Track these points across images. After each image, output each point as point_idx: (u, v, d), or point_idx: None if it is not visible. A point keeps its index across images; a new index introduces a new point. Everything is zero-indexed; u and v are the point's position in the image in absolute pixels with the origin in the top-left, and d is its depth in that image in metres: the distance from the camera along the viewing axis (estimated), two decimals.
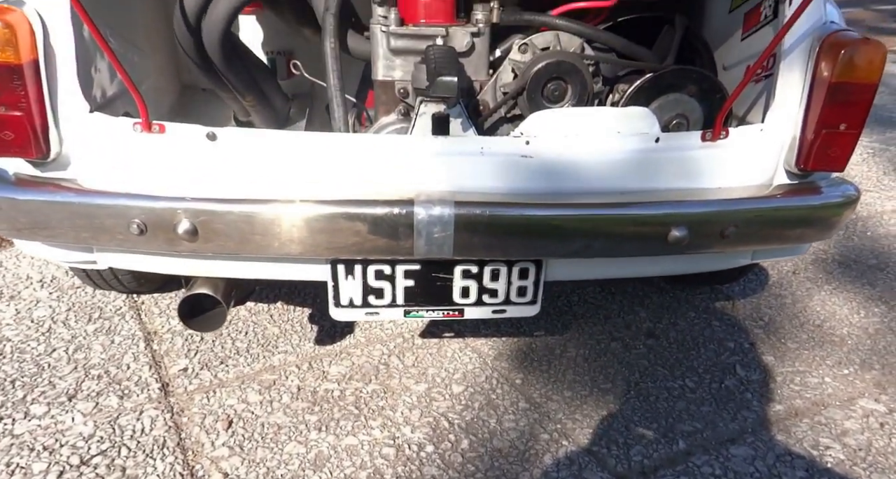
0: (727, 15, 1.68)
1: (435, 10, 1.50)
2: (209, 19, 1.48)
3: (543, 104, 1.50)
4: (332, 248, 1.29)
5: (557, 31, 1.52)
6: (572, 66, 1.46)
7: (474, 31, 1.51)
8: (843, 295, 2.25)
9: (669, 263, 1.50)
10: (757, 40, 1.51)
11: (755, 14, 1.52)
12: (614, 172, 1.37)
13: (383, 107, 1.57)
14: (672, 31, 1.59)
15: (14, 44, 1.13)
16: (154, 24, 1.81)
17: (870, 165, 3.43)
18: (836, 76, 1.24)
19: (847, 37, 1.26)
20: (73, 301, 2.05)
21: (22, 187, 1.23)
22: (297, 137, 1.34)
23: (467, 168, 1.34)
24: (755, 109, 1.50)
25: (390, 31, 1.48)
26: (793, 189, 1.38)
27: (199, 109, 1.97)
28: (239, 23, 2.07)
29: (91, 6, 1.32)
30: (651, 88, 1.49)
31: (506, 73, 1.55)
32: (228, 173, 1.30)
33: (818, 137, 1.29)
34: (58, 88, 1.23)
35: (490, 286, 1.45)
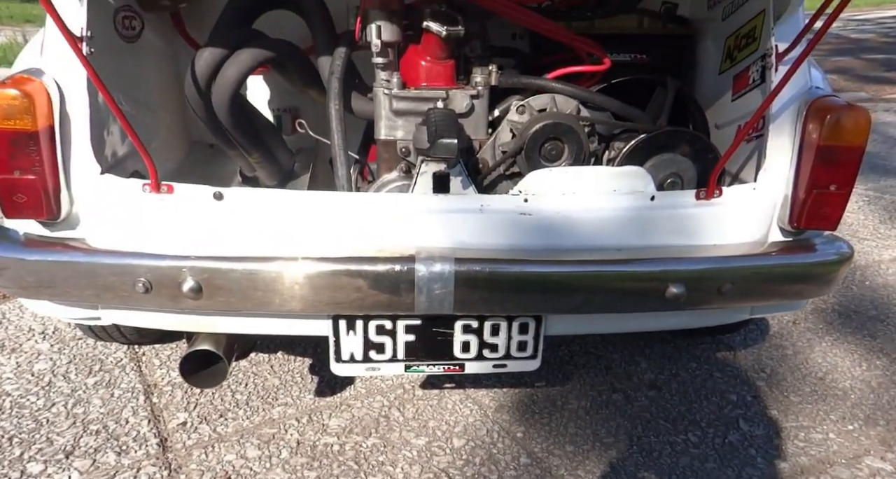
0: (717, 76, 1.74)
1: (436, 75, 1.57)
2: (219, 83, 1.55)
3: (541, 163, 1.54)
4: (333, 304, 1.31)
5: (554, 94, 1.58)
6: (568, 128, 1.51)
7: (473, 94, 1.56)
8: (845, 346, 2.24)
9: (669, 318, 1.52)
10: (746, 102, 1.57)
11: (744, 77, 1.58)
12: (611, 230, 1.40)
13: (385, 164, 1.62)
14: (664, 93, 1.65)
15: (32, 112, 1.18)
16: (165, 85, 1.88)
17: (865, 213, 3.47)
18: (823, 139, 1.29)
19: (832, 102, 1.31)
20: (75, 353, 2.05)
21: (31, 248, 1.26)
22: (302, 197, 1.38)
23: (467, 225, 1.37)
24: (748, 168, 1.54)
25: (393, 94, 1.54)
26: (787, 247, 1.40)
27: (206, 164, 2.02)
28: (247, 82, 2.14)
29: (106, 72, 1.38)
30: (645, 147, 1.54)
31: (504, 132, 1.60)
32: (234, 232, 1.33)
33: (809, 196, 1.33)
34: (71, 152, 1.27)
35: (490, 341, 1.46)
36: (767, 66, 1.43)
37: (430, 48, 1.54)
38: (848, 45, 10.44)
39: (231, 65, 1.53)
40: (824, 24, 1.19)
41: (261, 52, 1.56)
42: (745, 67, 1.58)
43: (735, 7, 1.66)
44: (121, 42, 1.56)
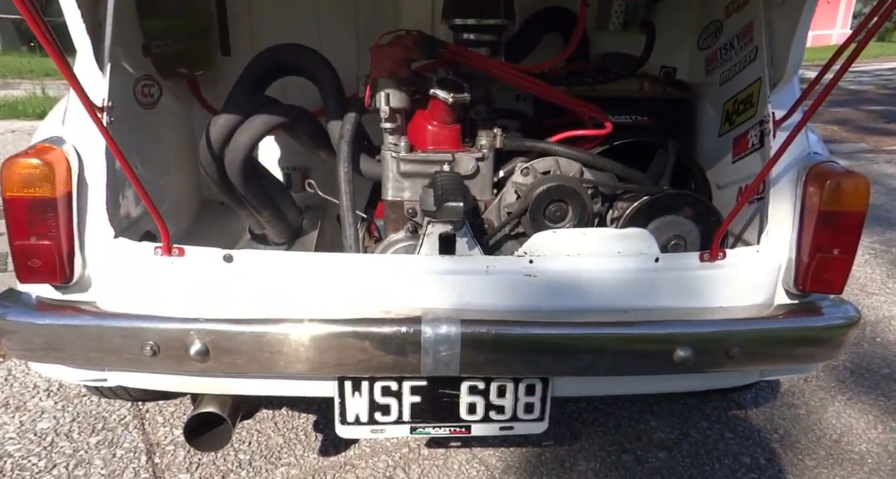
0: (717, 139, 1.78)
1: (442, 138, 1.61)
2: (232, 147, 1.60)
3: (545, 224, 1.56)
4: (339, 365, 1.31)
5: (557, 157, 1.62)
6: (572, 190, 1.54)
7: (479, 157, 1.61)
8: (858, 407, 2.20)
9: (677, 381, 1.50)
10: (746, 165, 1.60)
11: (743, 141, 1.62)
12: (616, 291, 1.41)
13: (392, 224, 1.65)
14: (666, 154, 1.69)
15: (51, 179, 1.22)
16: (179, 147, 1.94)
17: (872, 266, 3.45)
18: (824, 204, 1.31)
19: (831, 168, 1.34)
20: (78, 411, 2.04)
21: (42, 312, 1.27)
22: (310, 259, 1.40)
23: (473, 286, 1.38)
24: (750, 229, 1.56)
25: (400, 157, 1.59)
26: (794, 310, 1.40)
27: (216, 221, 2.06)
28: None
29: (124, 139, 1.43)
30: (648, 210, 1.56)
31: (509, 193, 1.63)
32: (243, 293, 1.35)
33: (813, 260, 1.34)
34: (87, 217, 1.31)
35: (497, 403, 1.45)
36: (766, 131, 1.47)
37: (436, 113, 1.59)
38: (847, 97, 10.63)
39: (244, 131, 1.59)
40: (820, 95, 1.23)
41: (273, 118, 1.61)
42: (745, 131, 1.62)
43: (732, 74, 1.71)
44: (139, 109, 1.62)
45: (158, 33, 1.66)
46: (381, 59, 1.53)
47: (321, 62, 1.69)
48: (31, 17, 1.05)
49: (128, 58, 1.54)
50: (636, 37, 2.02)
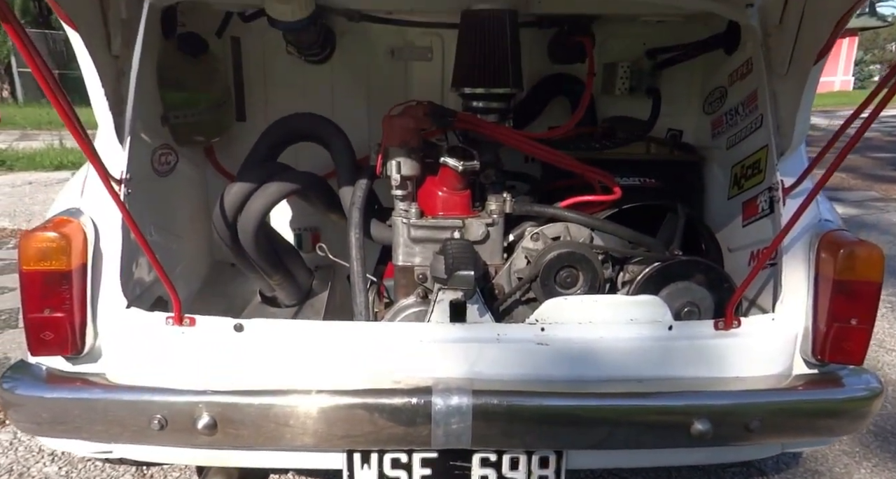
0: (726, 201, 1.79)
1: (452, 204, 1.63)
2: (245, 214, 1.62)
3: (556, 290, 1.56)
4: (348, 437, 1.28)
5: (567, 222, 1.62)
6: (582, 256, 1.54)
7: (489, 222, 1.62)
8: (886, 475, 2.11)
9: (696, 453, 1.46)
10: (757, 229, 1.60)
11: (752, 205, 1.63)
12: (630, 360, 1.39)
13: (403, 289, 1.64)
14: (675, 218, 1.69)
15: (68, 252, 1.24)
16: (193, 212, 1.97)
17: (890, 321, 3.39)
18: (838, 274, 1.29)
19: (844, 237, 1.33)
20: (83, 477, 2.00)
21: (50, 385, 1.27)
22: (320, 327, 1.40)
23: (484, 355, 1.36)
24: (764, 294, 1.54)
25: (411, 223, 1.60)
26: (814, 381, 1.37)
27: (226, 283, 2.07)
28: None
29: (140, 207, 1.46)
30: (660, 276, 1.55)
31: (519, 259, 1.63)
32: (252, 363, 1.34)
33: (830, 330, 1.32)
34: (100, 288, 1.32)
35: (509, 476, 1.40)
36: (775, 198, 1.47)
37: (447, 180, 1.61)
38: None
39: (257, 198, 1.61)
40: (830, 167, 1.23)
41: (286, 185, 1.64)
42: (754, 196, 1.62)
43: (738, 139, 1.73)
44: (156, 176, 1.66)
45: (178, 105, 1.72)
46: (392, 129, 1.56)
47: (334, 130, 1.73)
48: (56, 99, 1.09)
49: (147, 129, 1.58)
50: (642, 100, 2.06)
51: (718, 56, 1.84)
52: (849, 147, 1.19)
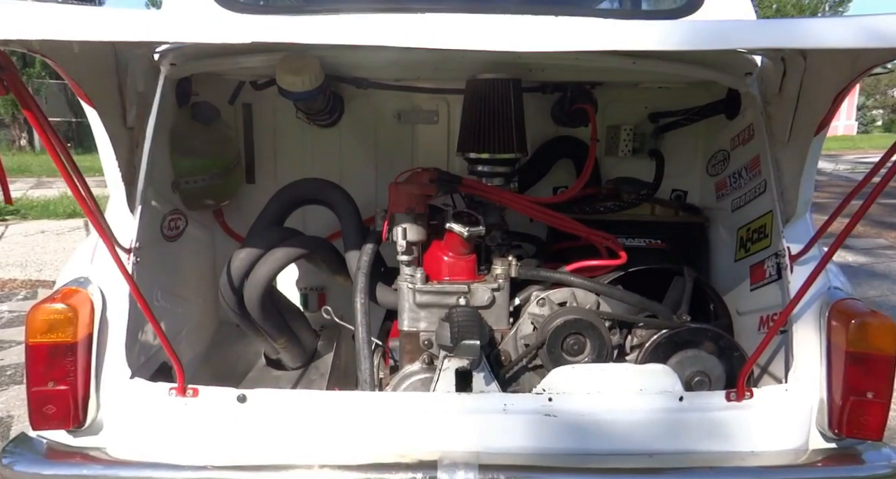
0: (733, 263, 1.78)
1: (458, 269, 1.63)
2: (251, 281, 1.63)
3: (563, 358, 1.54)
4: None
5: (573, 287, 1.62)
6: (589, 324, 1.53)
7: (494, 287, 1.61)
8: None
9: None
10: (766, 294, 1.58)
11: (760, 269, 1.62)
12: (640, 433, 1.35)
13: (408, 356, 1.63)
14: (682, 280, 1.68)
15: (74, 323, 1.24)
16: (200, 274, 1.98)
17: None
18: (851, 345, 1.27)
19: (855, 308, 1.31)
20: None
21: (50, 460, 1.25)
22: (324, 398, 1.38)
23: (491, 426, 1.34)
24: (776, 362, 1.51)
25: (416, 288, 1.60)
26: (832, 457, 1.33)
27: (231, 345, 2.06)
28: None
29: (148, 274, 1.47)
30: (669, 344, 1.53)
31: (525, 325, 1.62)
32: (255, 435, 1.32)
33: (846, 403, 1.29)
34: (104, 359, 1.32)
35: None
36: (782, 265, 1.46)
37: (452, 245, 1.62)
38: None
39: (264, 264, 1.62)
40: (839, 236, 1.23)
41: (293, 250, 1.66)
42: (761, 260, 1.62)
43: (743, 202, 1.74)
44: (164, 242, 1.68)
45: (189, 171, 1.75)
46: (398, 196, 1.58)
47: (340, 194, 1.75)
48: (70, 179, 1.11)
49: (158, 197, 1.61)
50: (646, 161, 2.08)
51: (720, 120, 1.87)
52: (857, 218, 1.19)
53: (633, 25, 0.97)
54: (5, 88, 0.99)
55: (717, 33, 0.97)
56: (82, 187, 1.16)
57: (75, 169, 1.13)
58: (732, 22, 0.99)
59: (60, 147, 1.05)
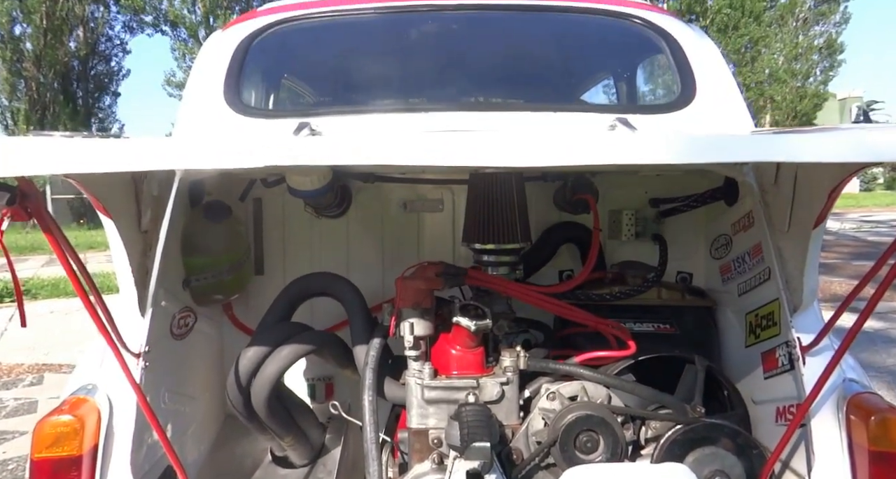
0: (744, 349, 1.76)
1: (466, 363, 1.62)
2: (259, 380, 1.62)
3: (577, 457, 1.49)
4: None
5: (584, 380, 1.59)
6: (601, 420, 1.50)
7: (503, 381, 1.59)
8: None
9: None
10: (780, 384, 1.55)
11: (771, 358, 1.60)
12: None
13: (417, 454, 1.59)
14: (693, 369, 1.66)
15: (80, 435, 1.23)
16: (208, 370, 1.98)
17: None
18: (873, 444, 1.24)
19: (873, 403, 1.29)
20: None
21: None
22: None
23: None
24: (796, 457, 1.46)
25: (424, 384, 1.58)
26: None
27: (237, 440, 2.02)
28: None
29: (156, 375, 1.46)
30: (685, 440, 1.49)
31: (536, 420, 1.59)
32: None
33: None
34: (109, 469, 1.29)
35: None
36: (794, 356, 1.45)
37: (460, 338, 1.62)
38: (867, 249, 10.68)
39: (272, 362, 1.62)
40: (854, 325, 1.22)
41: (300, 347, 1.66)
42: (772, 348, 1.60)
43: (749, 287, 1.74)
44: (173, 341, 1.68)
45: (200, 268, 1.78)
46: (405, 291, 1.60)
47: (348, 287, 1.77)
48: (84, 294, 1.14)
49: (169, 296, 1.63)
50: (649, 244, 2.11)
51: (720, 206, 1.90)
52: (868, 310, 1.19)
53: (630, 139, 1.02)
54: (28, 214, 1.03)
55: (712, 147, 1.01)
56: (98, 303, 1.18)
57: (91, 284, 1.16)
58: (727, 137, 1.03)
59: (80, 267, 1.08)
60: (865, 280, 1.32)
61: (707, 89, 1.86)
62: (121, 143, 0.98)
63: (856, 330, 1.22)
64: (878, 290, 1.16)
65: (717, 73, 1.91)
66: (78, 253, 1.18)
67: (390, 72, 2.18)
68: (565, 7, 2.15)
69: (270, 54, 2.20)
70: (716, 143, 1.03)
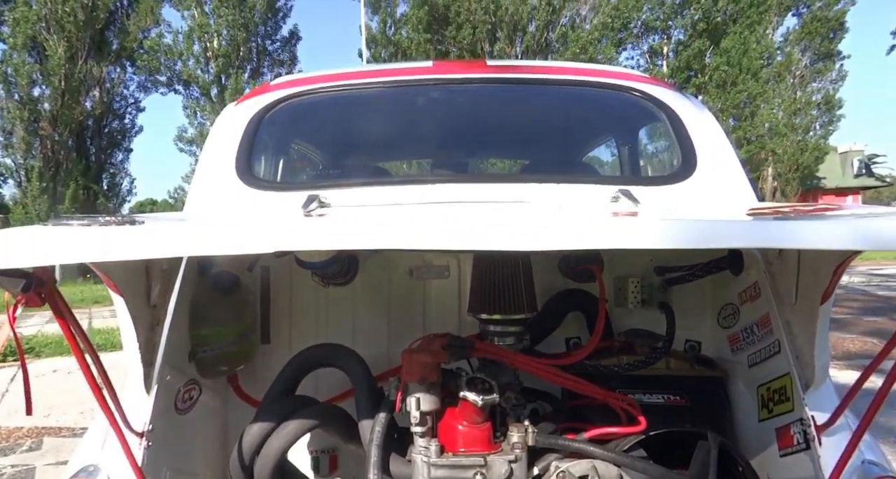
0: (757, 424, 1.72)
1: (473, 439, 1.59)
2: (263, 455, 1.59)
3: None
4: None
5: (594, 458, 1.56)
6: None
7: (511, 459, 1.56)
8: None
9: None
10: (797, 463, 1.51)
11: (786, 435, 1.56)
12: None
13: None
14: (707, 445, 1.61)
15: None
16: (212, 444, 1.94)
17: None
18: None
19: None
20: None
21: None
22: None
23: None
24: None
25: (431, 462, 1.55)
26: None
27: None
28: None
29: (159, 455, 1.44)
30: None
31: None
32: None
33: None
34: None
35: None
36: (809, 435, 1.41)
37: (466, 414, 1.59)
38: (878, 303, 10.54)
39: (276, 438, 1.59)
40: (872, 405, 1.19)
41: (305, 422, 1.63)
42: (786, 425, 1.56)
43: (759, 359, 1.72)
44: (177, 416, 1.66)
45: (207, 340, 1.78)
46: (411, 365, 1.59)
47: (354, 359, 1.76)
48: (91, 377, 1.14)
49: (174, 371, 1.62)
50: (656, 312, 2.09)
51: (726, 274, 1.90)
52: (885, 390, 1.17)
53: (632, 225, 1.03)
54: (42, 299, 1.05)
55: (712, 232, 1.03)
56: (105, 383, 1.18)
57: (100, 366, 1.16)
58: (727, 223, 1.05)
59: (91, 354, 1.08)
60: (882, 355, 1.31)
61: (707, 161, 1.89)
62: (136, 231, 1.01)
63: (873, 412, 1.19)
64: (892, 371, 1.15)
65: (717, 145, 1.95)
66: (82, 309, 1.19)
67: (397, 144, 2.24)
68: (567, 80, 2.23)
69: (281, 128, 2.27)
70: (716, 228, 1.05)
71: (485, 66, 2.33)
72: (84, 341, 1.11)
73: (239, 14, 21.02)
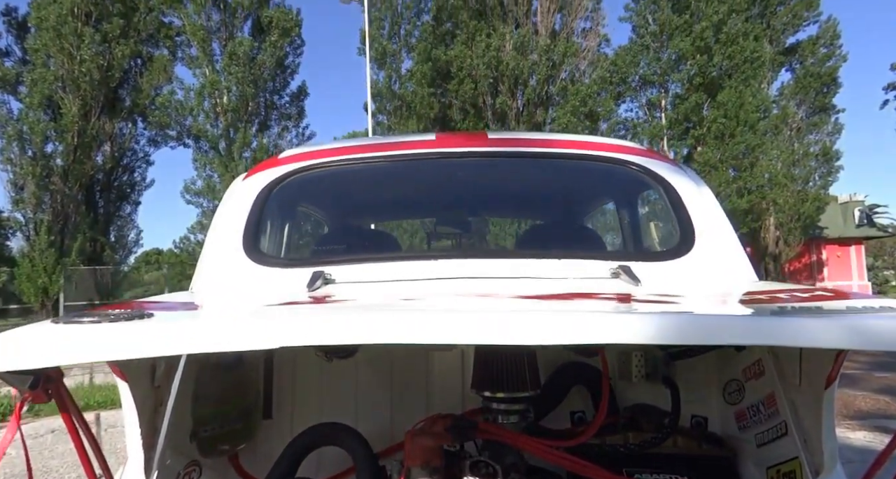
0: None
1: None
2: None
3: None
4: None
5: None
6: None
7: None
8: None
9: None
10: None
11: None
12: None
13: None
14: None
15: None
16: None
17: None
18: None
19: None
20: None
21: None
22: None
23: None
24: None
25: None
26: None
27: None
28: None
29: None
30: None
31: None
32: None
33: None
34: None
35: None
36: None
37: None
38: (887, 358, 10.34)
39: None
40: None
41: None
42: None
43: (768, 439, 1.70)
44: None
45: (209, 419, 1.77)
46: (415, 448, 1.57)
47: (356, 439, 1.74)
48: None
49: (175, 453, 1.61)
50: (661, 386, 2.07)
51: (730, 350, 1.90)
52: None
53: (636, 322, 1.05)
54: (49, 396, 1.06)
55: (712, 328, 1.04)
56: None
57: (102, 461, 1.16)
58: (727, 318, 1.07)
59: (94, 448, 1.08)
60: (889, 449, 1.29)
61: (705, 237, 1.93)
62: (144, 329, 1.03)
63: None
64: None
65: (715, 220, 1.99)
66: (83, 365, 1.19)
67: (401, 217, 2.29)
68: (567, 154, 2.29)
69: (289, 202, 2.32)
70: (716, 324, 1.06)
71: (486, 140, 2.40)
72: (88, 436, 1.12)
73: (248, 71, 21.71)
